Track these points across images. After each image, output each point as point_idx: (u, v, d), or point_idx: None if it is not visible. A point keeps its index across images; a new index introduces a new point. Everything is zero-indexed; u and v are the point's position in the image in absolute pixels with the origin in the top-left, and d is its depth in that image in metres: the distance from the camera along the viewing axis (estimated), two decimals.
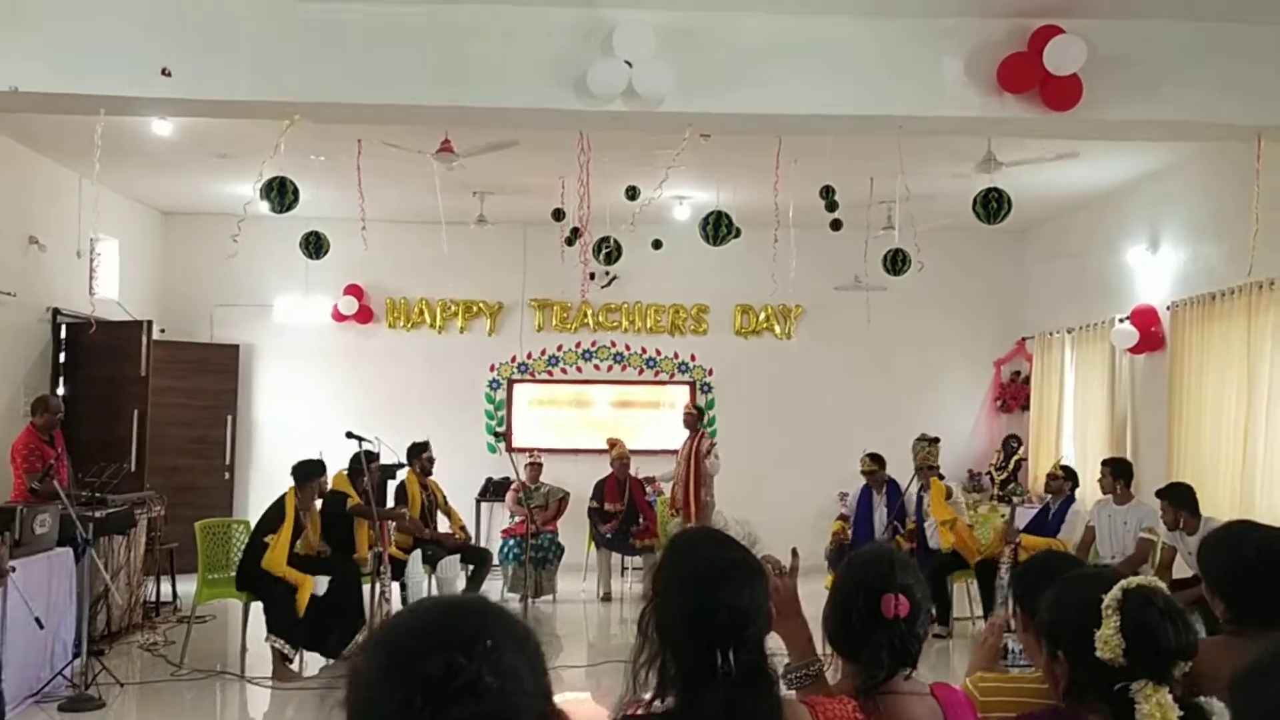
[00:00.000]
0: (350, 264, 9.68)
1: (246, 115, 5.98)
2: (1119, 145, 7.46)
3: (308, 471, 6.77)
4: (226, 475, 10.44)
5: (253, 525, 6.91)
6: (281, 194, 6.21)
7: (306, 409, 10.48)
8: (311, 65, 5.32)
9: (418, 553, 7.71)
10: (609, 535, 9.20)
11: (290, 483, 6.76)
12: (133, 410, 8.80)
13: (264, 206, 6.44)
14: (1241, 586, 2.36)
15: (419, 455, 8.17)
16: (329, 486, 7.18)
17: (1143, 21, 5.36)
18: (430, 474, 8.26)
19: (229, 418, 10.50)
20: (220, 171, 8.80)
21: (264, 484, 9.59)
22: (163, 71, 5.21)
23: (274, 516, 6.61)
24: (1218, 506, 6.99)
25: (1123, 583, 1.87)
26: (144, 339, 8.97)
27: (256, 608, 6.61)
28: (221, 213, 10.08)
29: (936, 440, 8.37)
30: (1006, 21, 5.32)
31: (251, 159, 8.08)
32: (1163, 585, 1.91)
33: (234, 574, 6.76)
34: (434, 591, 7.83)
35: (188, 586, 7.39)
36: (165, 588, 8.18)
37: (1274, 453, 6.86)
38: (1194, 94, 5.45)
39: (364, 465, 6.92)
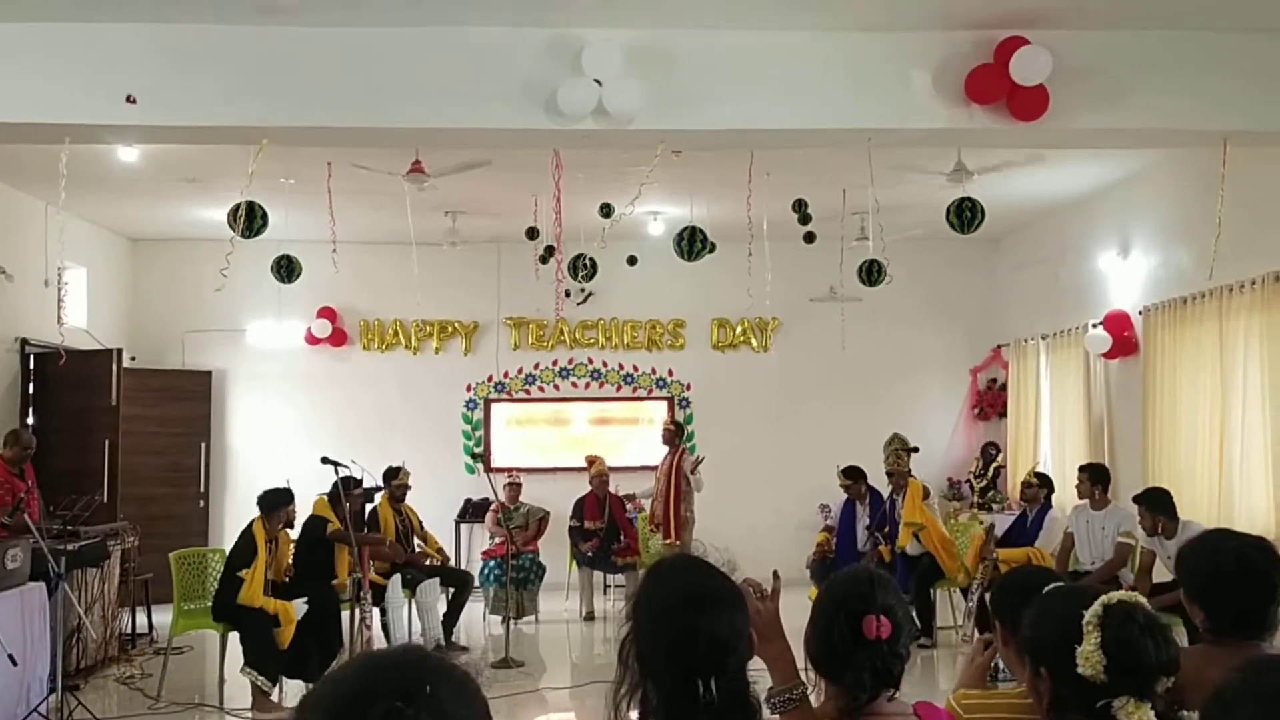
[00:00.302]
0: (323, 287, 9.62)
1: (214, 141, 5.94)
2: (1088, 153, 7.53)
3: (274, 501, 6.70)
4: (201, 503, 10.33)
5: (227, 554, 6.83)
6: (250, 219, 6.16)
7: (281, 434, 10.39)
8: (279, 89, 5.28)
9: (397, 577, 7.65)
10: (590, 554, 9.16)
11: (257, 513, 6.68)
12: (104, 440, 8.70)
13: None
14: (1220, 596, 2.36)
15: (389, 482, 8.11)
16: (310, 512, 7.12)
17: (1107, 31, 5.41)
18: (403, 500, 8.18)
19: (202, 445, 10.40)
20: (188, 197, 8.74)
21: (240, 511, 9.45)
22: (127, 98, 5.16)
23: (245, 550, 6.52)
24: (1196, 510, 7.03)
25: (1103, 598, 1.86)
26: (114, 367, 8.87)
27: (234, 638, 6.53)
28: (191, 238, 10.06)
29: (913, 449, 8.38)
30: (972, 33, 5.36)
31: (220, 183, 8.06)
32: (1143, 600, 1.90)
33: (210, 604, 6.68)
34: (414, 616, 7.76)
35: (164, 618, 7.28)
36: (141, 619, 8.06)
37: (1250, 455, 6.91)
38: (1160, 101, 5.50)
39: (341, 492, 6.86)
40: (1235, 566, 2.33)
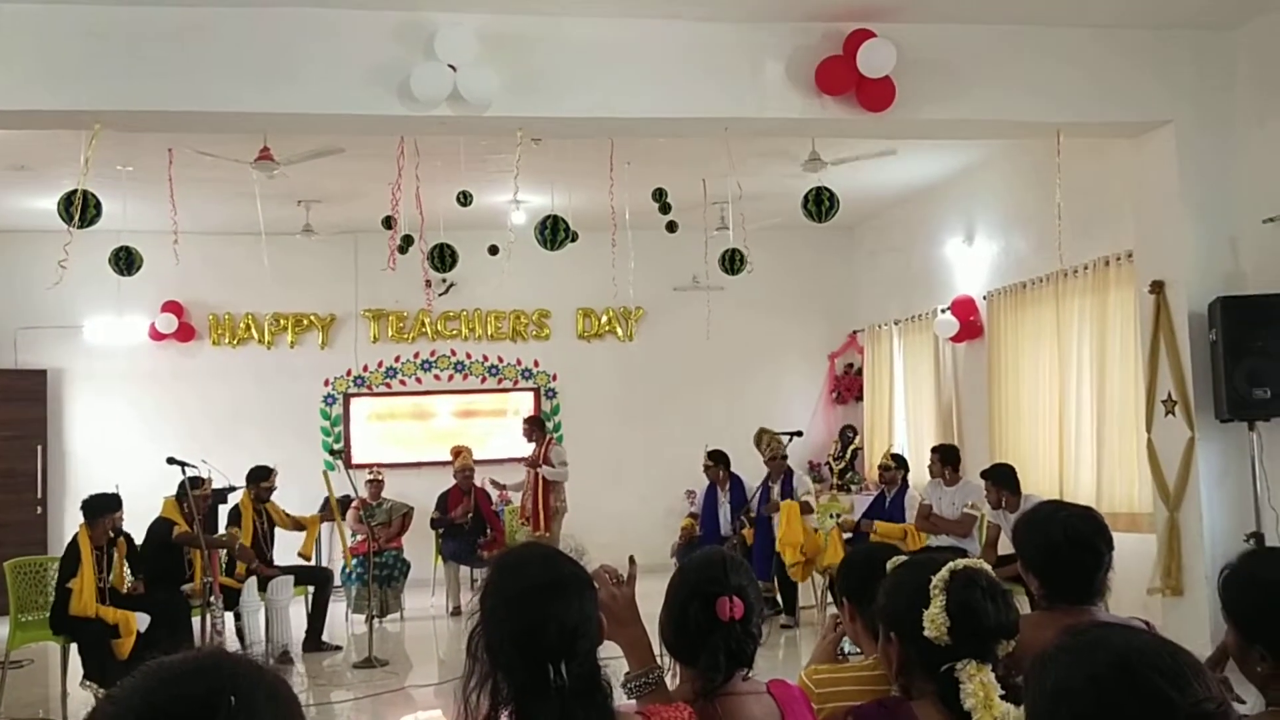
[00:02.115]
0: (168, 280, 9.15)
1: (40, 126, 5.58)
2: (935, 143, 7.80)
3: (97, 507, 6.42)
4: (38, 510, 9.75)
5: None
6: (83, 209, 5.79)
7: (126, 435, 9.90)
8: (113, 71, 5.01)
9: (253, 579, 7.37)
10: (463, 523, 9.00)
11: (81, 521, 6.39)
12: None
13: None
14: (1051, 565, 2.47)
15: (256, 482, 7.81)
16: (159, 514, 6.81)
17: (949, 25, 5.61)
18: (266, 500, 7.89)
19: (39, 448, 9.81)
20: (18, 185, 8.21)
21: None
22: None
23: (70, 559, 6.26)
24: (1040, 484, 7.39)
25: (950, 564, 1.93)
26: None
27: (76, 649, 6.20)
28: (22, 229, 9.46)
29: (797, 433, 8.51)
30: (821, 26, 5.48)
31: (52, 171, 7.59)
32: (988, 567, 1.97)
33: (48, 616, 6.34)
34: (267, 619, 7.49)
35: (0, 630, 6.85)
36: None
37: (1082, 429, 7.30)
38: (998, 94, 5.73)
39: (188, 492, 6.58)
40: (1064, 537, 2.44)
